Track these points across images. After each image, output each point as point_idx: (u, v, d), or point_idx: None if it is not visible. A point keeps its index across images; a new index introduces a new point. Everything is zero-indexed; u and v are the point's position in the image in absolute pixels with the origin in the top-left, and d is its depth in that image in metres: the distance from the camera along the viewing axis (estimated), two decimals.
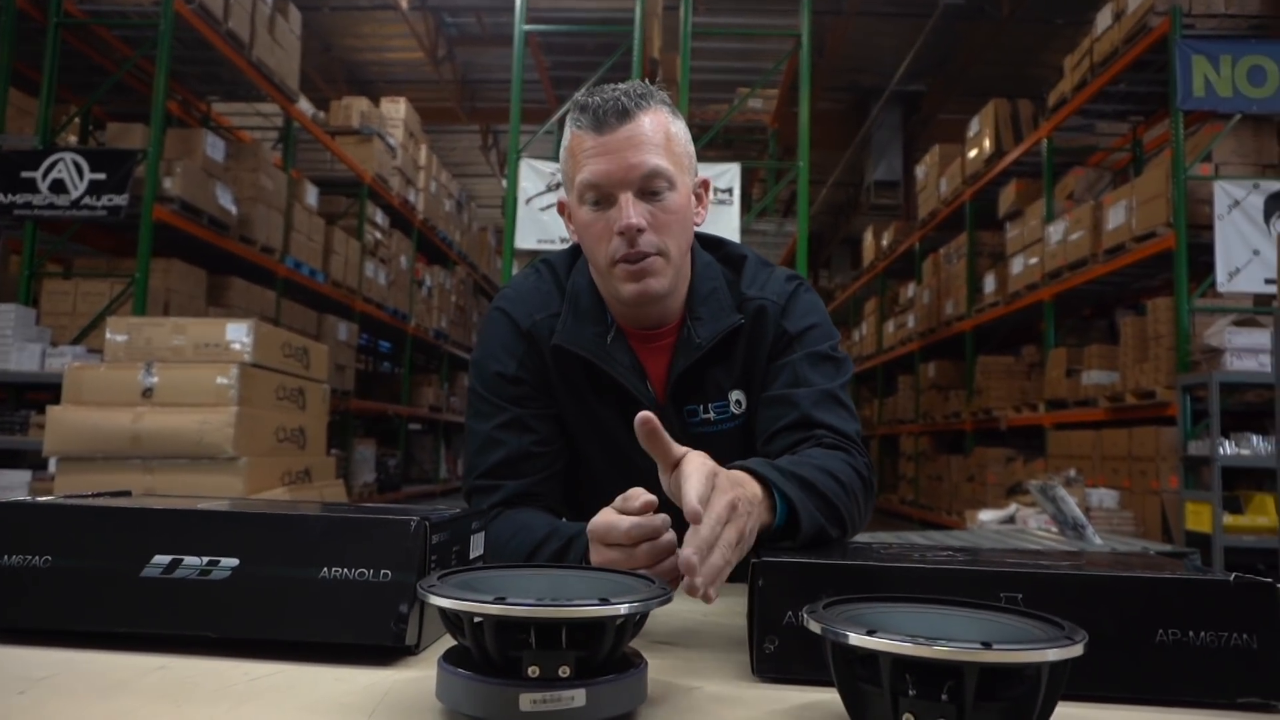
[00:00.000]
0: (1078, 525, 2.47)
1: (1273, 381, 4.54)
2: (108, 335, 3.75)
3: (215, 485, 3.48)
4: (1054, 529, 3.25)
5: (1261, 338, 5.54)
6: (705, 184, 1.19)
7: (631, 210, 1.06)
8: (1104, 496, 6.19)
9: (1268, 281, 5.77)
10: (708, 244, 1.26)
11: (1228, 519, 5.17)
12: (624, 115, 1.07)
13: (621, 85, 1.11)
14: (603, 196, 1.08)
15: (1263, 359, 5.50)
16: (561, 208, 1.20)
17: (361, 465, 9.41)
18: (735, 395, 1.19)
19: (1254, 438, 5.33)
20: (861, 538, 1.08)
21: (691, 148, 1.17)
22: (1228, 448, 5.21)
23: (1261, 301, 6.00)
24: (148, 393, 3.55)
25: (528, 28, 6.96)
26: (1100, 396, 7.03)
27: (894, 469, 12.71)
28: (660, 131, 1.09)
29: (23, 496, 0.86)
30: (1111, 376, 7.04)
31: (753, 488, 0.84)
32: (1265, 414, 5.62)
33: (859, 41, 10.89)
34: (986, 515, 5.61)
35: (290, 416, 4.00)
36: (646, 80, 1.16)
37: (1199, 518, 5.35)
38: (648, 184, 1.07)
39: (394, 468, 10.64)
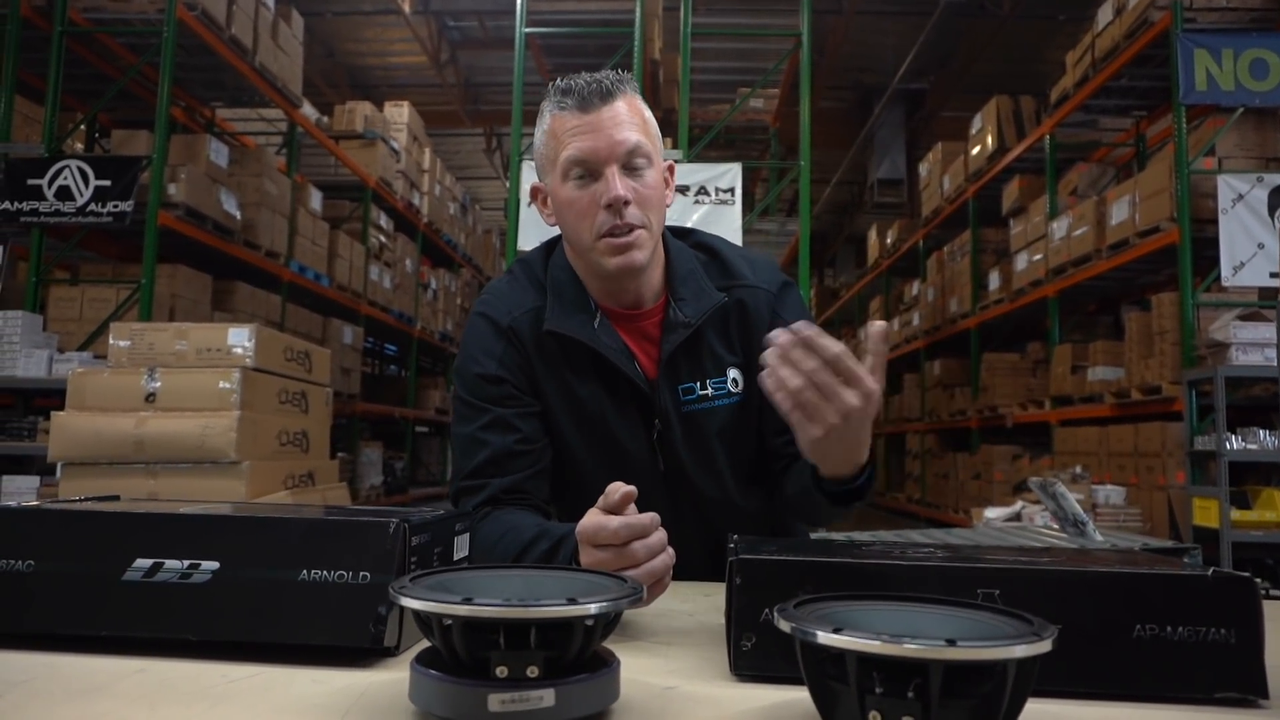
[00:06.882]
0: (1078, 522, 2.46)
1: (1279, 375, 4.51)
2: (111, 341, 3.77)
3: (218, 489, 3.49)
4: (1057, 525, 3.23)
5: (1267, 331, 5.50)
6: (671, 168, 1.25)
7: (618, 183, 1.11)
8: (1111, 493, 6.15)
9: (1273, 275, 5.73)
10: (677, 233, 1.31)
11: (1235, 514, 5.13)
12: (608, 96, 1.13)
13: (597, 73, 1.16)
14: (589, 171, 1.13)
15: (1269, 353, 5.46)
16: (534, 193, 1.24)
17: (368, 468, 9.41)
18: (733, 373, 1.22)
19: (1261, 432, 5.28)
20: (853, 535, 1.08)
21: (660, 133, 1.23)
22: (1234, 442, 5.17)
23: (1267, 295, 5.95)
24: (150, 398, 3.57)
25: (528, 30, 6.97)
26: (1106, 392, 6.99)
27: (900, 467, 12.66)
28: (638, 114, 1.16)
29: (32, 501, 0.87)
30: (1117, 372, 7.01)
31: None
32: (1272, 408, 5.59)
33: (860, 40, 10.87)
34: (992, 513, 5.58)
35: (293, 420, 4.01)
36: (624, 71, 1.20)
37: (1206, 513, 5.32)
38: (631, 159, 1.13)
39: (401, 470, 10.66)
